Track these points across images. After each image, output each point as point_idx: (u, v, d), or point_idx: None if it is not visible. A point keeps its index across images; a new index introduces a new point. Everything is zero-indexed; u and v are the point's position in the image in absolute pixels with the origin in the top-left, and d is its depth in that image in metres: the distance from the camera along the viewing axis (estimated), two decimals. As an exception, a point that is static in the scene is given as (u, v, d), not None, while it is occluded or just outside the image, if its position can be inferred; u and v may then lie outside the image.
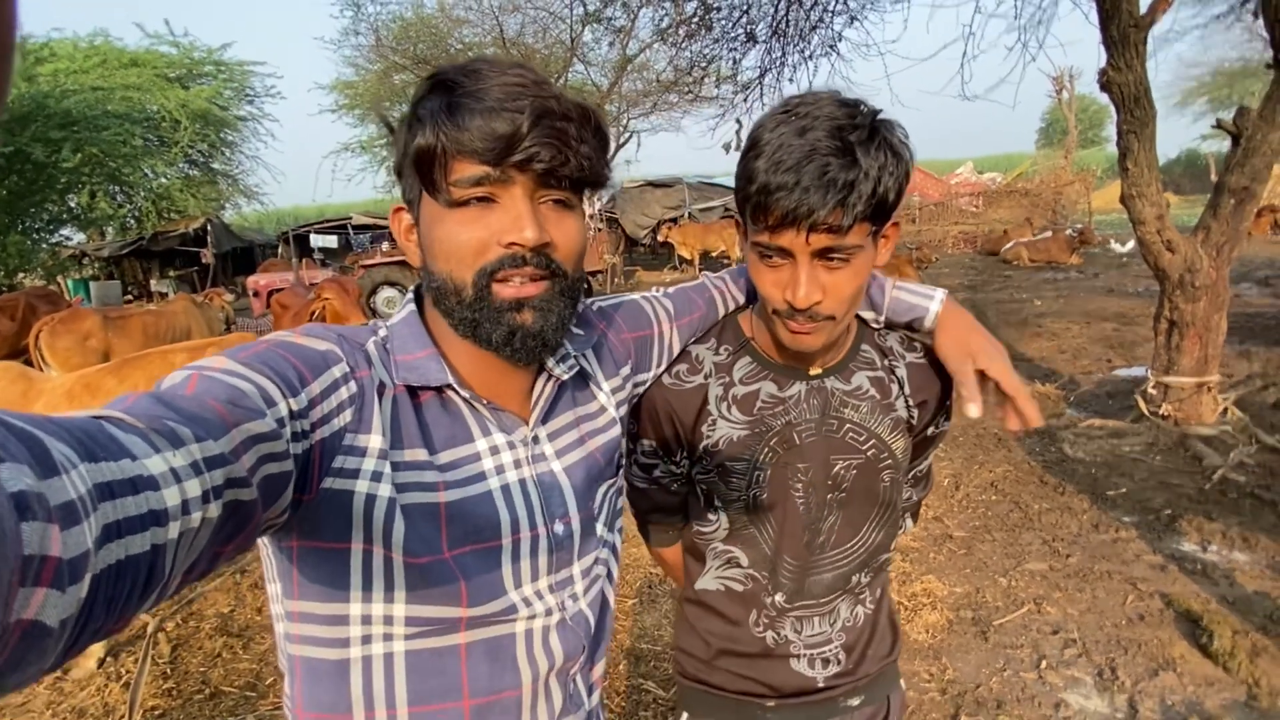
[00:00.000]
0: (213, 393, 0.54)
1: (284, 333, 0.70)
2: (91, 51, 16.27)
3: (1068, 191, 19.78)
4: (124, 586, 0.40)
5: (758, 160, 0.83)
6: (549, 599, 0.80)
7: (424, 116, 0.68)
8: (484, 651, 0.75)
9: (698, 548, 1.11)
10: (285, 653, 0.75)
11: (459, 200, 0.69)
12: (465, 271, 0.70)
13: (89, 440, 0.40)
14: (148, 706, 2.64)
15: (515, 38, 15.16)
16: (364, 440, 0.68)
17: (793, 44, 6.89)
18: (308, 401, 0.63)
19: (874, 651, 1.13)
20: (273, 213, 29.24)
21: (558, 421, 0.84)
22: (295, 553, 0.69)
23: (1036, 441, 4.85)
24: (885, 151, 0.81)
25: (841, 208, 0.80)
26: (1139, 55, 4.08)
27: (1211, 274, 4.37)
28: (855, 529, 1.05)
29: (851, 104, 0.83)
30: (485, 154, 0.67)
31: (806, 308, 0.86)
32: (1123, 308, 9.19)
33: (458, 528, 0.72)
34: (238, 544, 0.53)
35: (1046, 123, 46.05)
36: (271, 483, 0.55)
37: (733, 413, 1.02)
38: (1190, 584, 3.07)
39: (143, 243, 18.56)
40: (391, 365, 0.74)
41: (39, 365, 5.66)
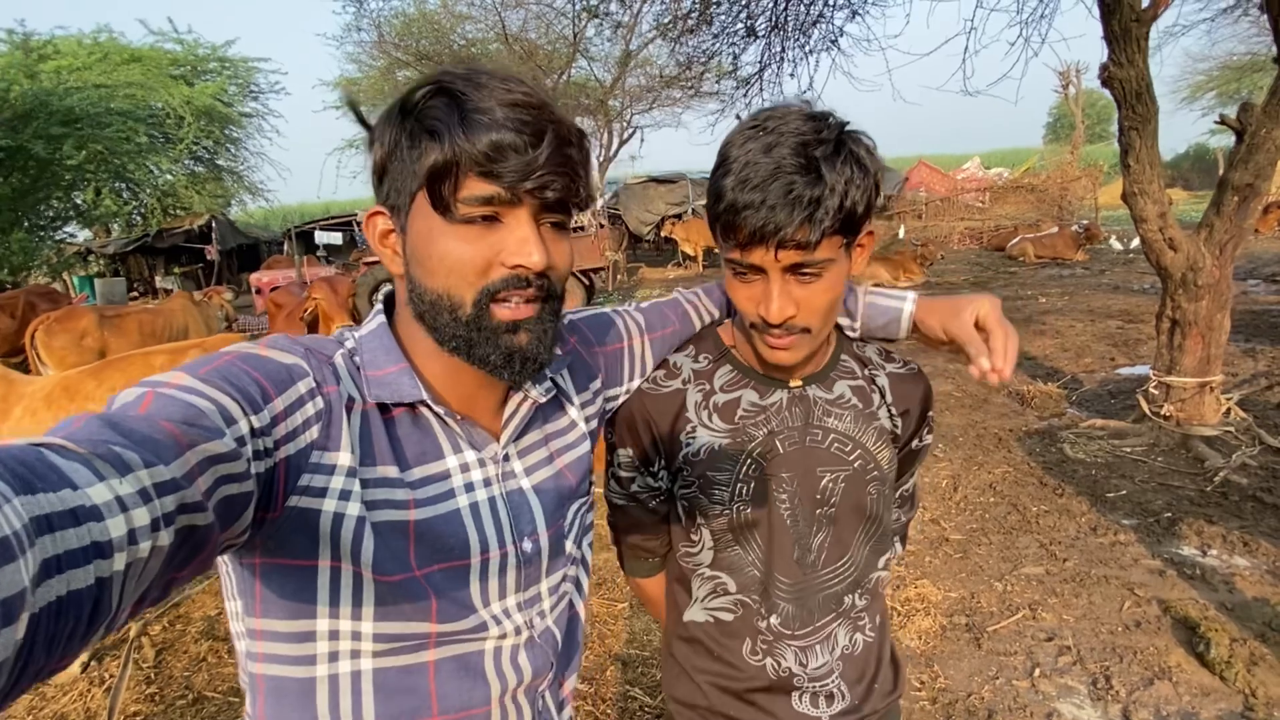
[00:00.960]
0: (166, 413, 0.52)
1: (248, 344, 0.69)
2: (95, 48, 16.28)
3: (1074, 187, 19.60)
4: (66, 624, 0.38)
5: (726, 178, 0.83)
6: (517, 617, 0.79)
7: (436, 128, 0.66)
8: (453, 668, 0.75)
9: (684, 575, 1.08)
10: (246, 671, 0.74)
11: (465, 218, 0.68)
12: (466, 290, 0.69)
13: (26, 471, 0.38)
14: (130, 712, 2.62)
15: (518, 33, 15.13)
16: (331, 458, 0.66)
17: (793, 39, 6.83)
18: (270, 418, 0.61)
19: (880, 686, 1.09)
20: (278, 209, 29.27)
21: (528, 439, 0.83)
22: (258, 570, 0.68)
23: (1037, 442, 4.80)
24: (851, 165, 0.81)
25: (808, 224, 0.80)
26: (1141, 50, 4.00)
27: (1215, 272, 4.30)
28: (844, 546, 1.03)
29: (819, 117, 0.83)
30: (503, 175, 0.66)
31: (780, 322, 0.87)
32: (1128, 305, 9.09)
33: (426, 546, 0.71)
34: (194, 568, 0.51)
35: (1054, 118, 45.69)
36: (230, 504, 0.53)
37: (713, 420, 1.00)
38: (1189, 590, 3.02)
39: (148, 239, 18.62)
40: (362, 380, 0.72)
41: (35, 363, 5.67)
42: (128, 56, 16.58)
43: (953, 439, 4.99)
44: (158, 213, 18.70)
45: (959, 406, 5.70)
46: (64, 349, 5.81)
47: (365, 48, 16.85)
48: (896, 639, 2.84)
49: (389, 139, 0.70)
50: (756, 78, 7.22)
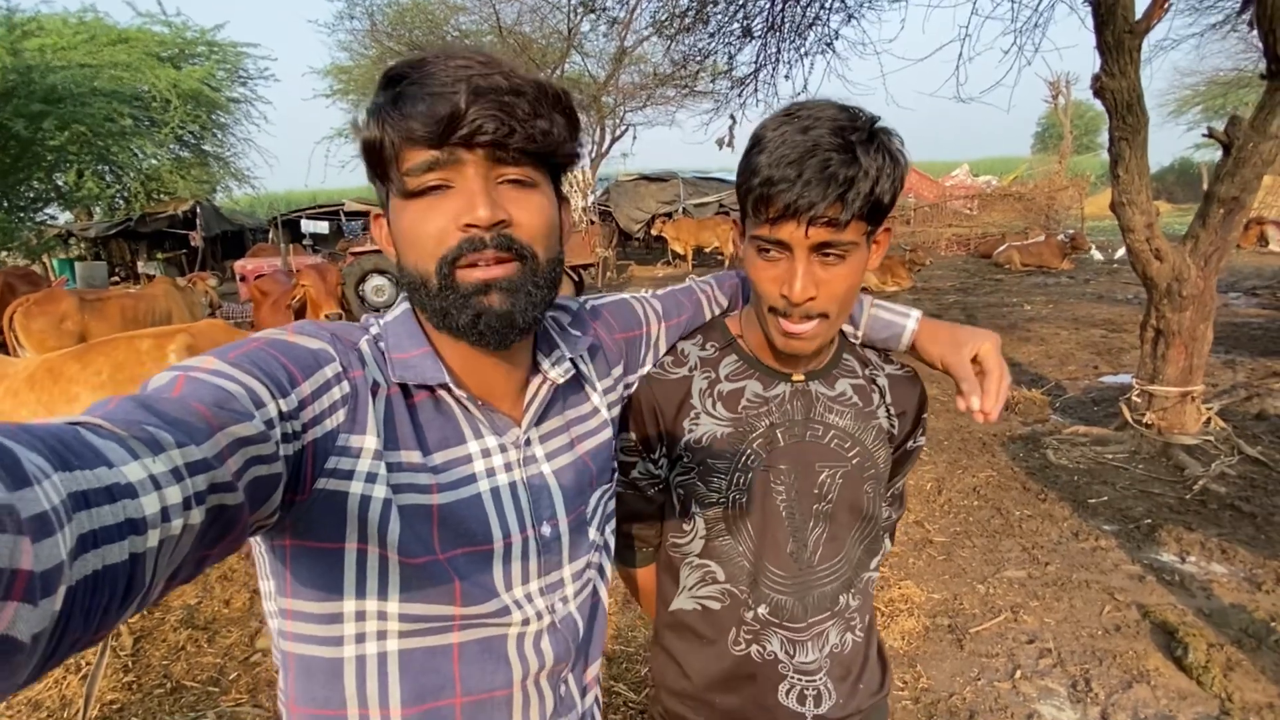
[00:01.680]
0: (198, 395, 0.54)
1: (276, 330, 0.69)
2: (81, 27, 15.99)
3: (1061, 196, 19.81)
4: (102, 597, 0.39)
5: (760, 155, 0.85)
6: (539, 602, 0.80)
7: (370, 111, 0.68)
8: (476, 651, 0.76)
9: (673, 563, 1.08)
10: (279, 649, 0.75)
11: (415, 190, 0.68)
12: (428, 261, 0.69)
13: (64, 449, 0.39)
14: (106, 700, 2.58)
15: (512, 26, 15.05)
16: (358, 441, 0.67)
17: (789, 40, 6.84)
18: (298, 402, 0.62)
19: (865, 685, 1.09)
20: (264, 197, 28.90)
21: (549, 424, 0.84)
22: (288, 552, 0.69)
23: (1020, 447, 4.84)
24: (884, 154, 0.83)
25: (841, 202, 0.82)
26: (1133, 62, 4.05)
27: (1199, 284, 4.35)
28: (840, 544, 1.03)
29: (852, 109, 0.86)
30: (429, 137, 0.65)
31: (801, 302, 0.87)
32: (1111, 314, 9.21)
33: (449, 531, 0.72)
34: (224, 547, 0.52)
35: (1043, 127, 46.18)
36: (259, 485, 0.55)
37: (717, 409, 1.01)
38: (1167, 595, 3.06)
39: (130, 224, 18.34)
40: (386, 364, 0.73)
41: (13, 346, 5.56)
42: (114, 37, 16.30)
43: (938, 442, 5.03)
44: (141, 197, 18.40)
45: (944, 410, 5.74)
46: (43, 331, 5.71)
47: (358, 36, 16.70)
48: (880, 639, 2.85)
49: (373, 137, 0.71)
50: (751, 78, 7.24)
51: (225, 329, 2.85)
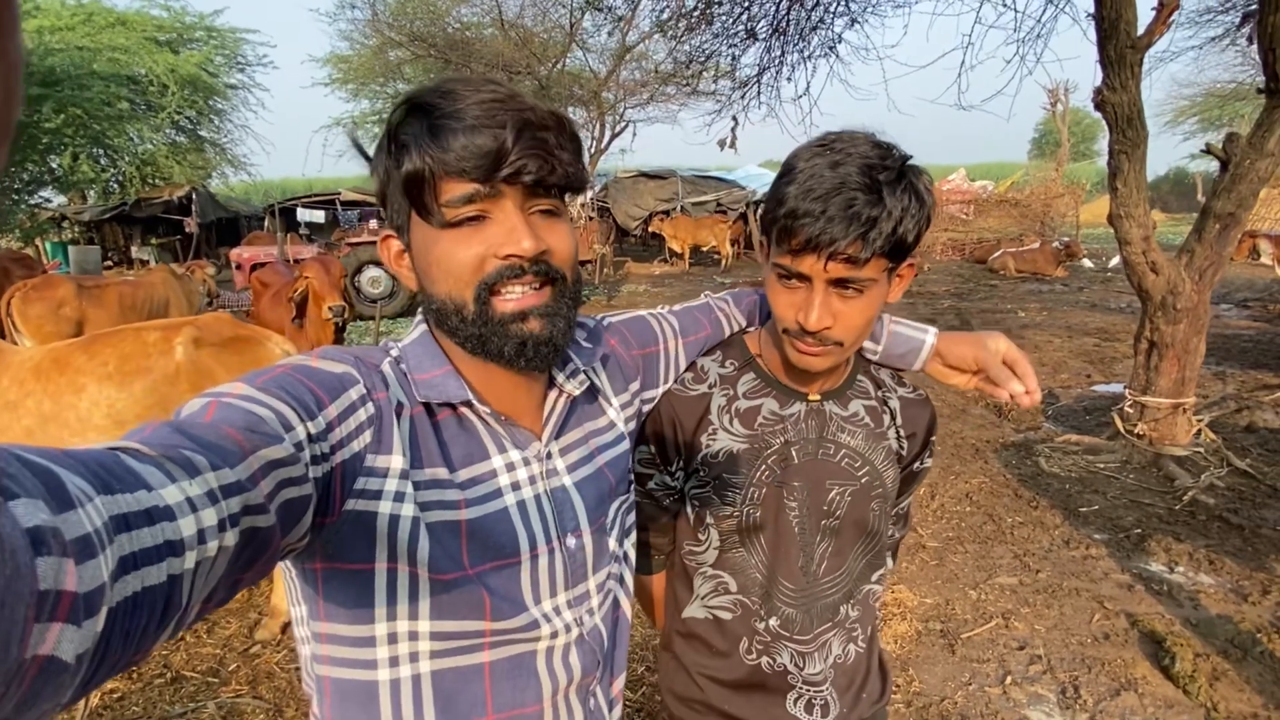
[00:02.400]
0: (230, 420, 0.55)
1: (301, 356, 0.71)
2: (78, 9, 15.87)
3: (1057, 204, 19.94)
4: (141, 618, 0.40)
5: (790, 186, 0.87)
6: (566, 615, 0.81)
7: (407, 142, 0.69)
8: (506, 668, 0.77)
9: (686, 572, 1.11)
10: (313, 673, 0.76)
11: (452, 221, 0.70)
12: (465, 290, 0.71)
13: (105, 472, 0.40)
14: (106, 689, 2.60)
15: (514, 19, 15.00)
16: (384, 461, 0.68)
17: (792, 43, 6.86)
18: (325, 425, 0.63)
19: (868, 695, 1.13)
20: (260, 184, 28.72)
21: (569, 436, 0.85)
22: (319, 575, 0.70)
23: (1013, 454, 4.90)
24: (910, 195, 0.85)
25: (861, 241, 0.84)
26: (1134, 76, 4.09)
27: (1194, 297, 4.41)
28: (842, 558, 1.06)
29: (885, 146, 0.87)
30: (473, 172, 0.67)
31: (817, 331, 0.90)
32: (1104, 323, 9.29)
33: (478, 545, 0.73)
34: (258, 570, 0.53)
35: (1040, 134, 46.33)
36: (290, 507, 0.56)
37: (734, 425, 1.04)
38: (1156, 604, 3.11)
39: (125, 208, 18.19)
40: (409, 385, 0.74)
41: (10, 332, 5.53)
42: (113, 20, 16.18)
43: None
44: (136, 181, 18.28)
45: (938, 417, 5.79)
46: (40, 318, 5.68)
47: (358, 25, 16.63)
48: (874, 642, 2.90)
49: (382, 167, 0.73)
50: (755, 80, 7.25)
51: (230, 321, 2.85)
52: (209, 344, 2.68)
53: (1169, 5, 4.01)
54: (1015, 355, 1.04)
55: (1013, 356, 1.04)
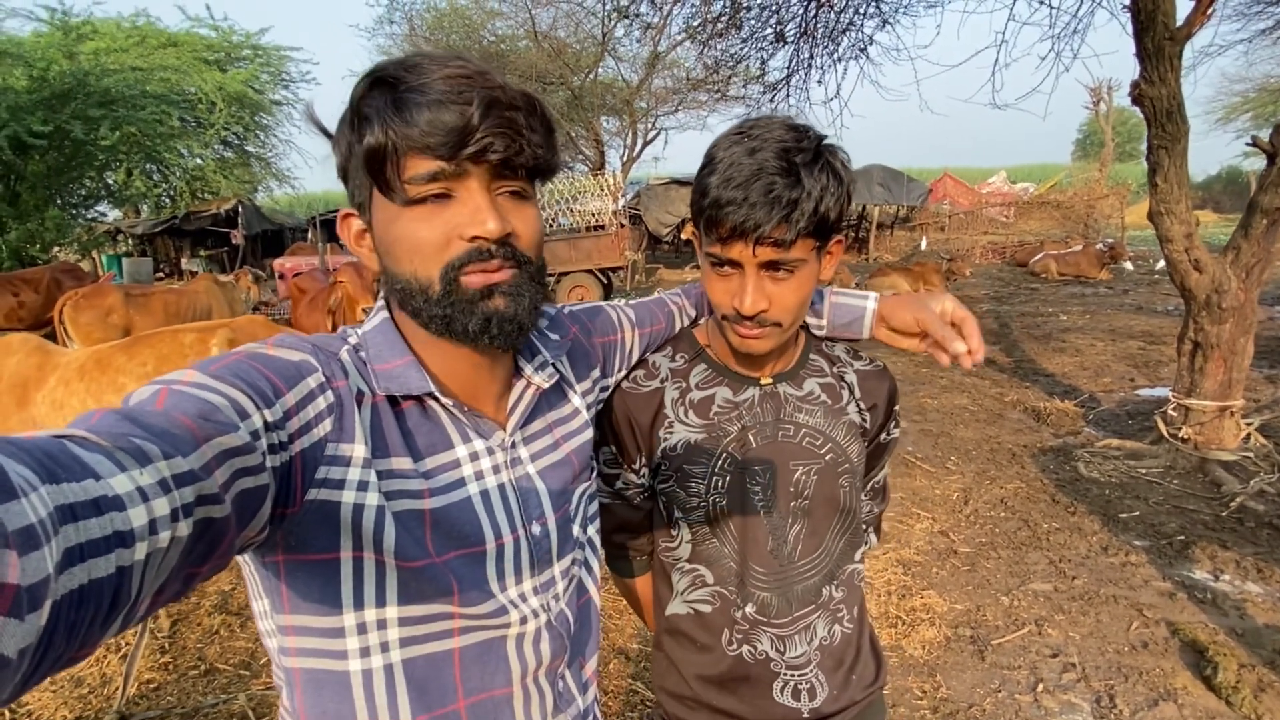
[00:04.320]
0: (181, 407, 0.53)
1: (256, 344, 0.69)
2: (133, 31, 16.56)
3: (1101, 205, 19.40)
4: (87, 612, 0.38)
5: (711, 176, 0.89)
6: (533, 601, 0.81)
7: (370, 115, 0.66)
8: (476, 654, 0.76)
9: (665, 570, 1.12)
10: (281, 667, 0.75)
11: (415, 198, 0.68)
12: (431, 268, 0.69)
13: (50, 461, 0.39)
14: (144, 679, 2.69)
15: (547, 31, 15.21)
16: (346, 450, 0.67)
17: (822, 46, 6.82)
18: (283, 413, 0.62)
19: (859, 677, 1.11)
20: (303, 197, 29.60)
21: (533, 426, 0.85)
22: (282, 567, 0.68)
23: (1051, 459, 4.77)
24: (827, 174, 0.87)
25: (785, 223, 0.86)
26: (1173, 69, 3.97)
27: (1240, 296, 4.25)
28: (819, 538, 1.06)
29: (800, 129, 0.89)
30: (438, 148, 0.65)
31: (753, 315, 0.92)
32: (1150, 326, 8.99)
33: (442, 534, 0.72)
34: (213, 563, 0.52)
35: (1084, 134, 45.20)
36: (247, 497, 0.54)
37: (689, 416, 1.05)
38: (1198, 613, 2.99)
39: (175, 221, 18.89)
40: (370, 374, 0.73)
41: (62, 338, 5.79)
42: (164, 40, 16.85)
43: (965, 452, 4.97)
44: (186, 195, 18.99)
45: (974, 420, 5.67)
46: (90, 324, 5.94)
47: (396, 40, 17.01)
48: (900, 647, 2.84)
49: (345, 141, 0.70)
50: (784, 83, 7.23)
51: (265, 324, 2.95)
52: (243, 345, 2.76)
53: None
54: (962, 314, 1.03)
55: (959, 315, 1.03)
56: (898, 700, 2.56)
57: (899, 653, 2.82)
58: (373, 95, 0.67)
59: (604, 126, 18.38)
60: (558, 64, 15.48)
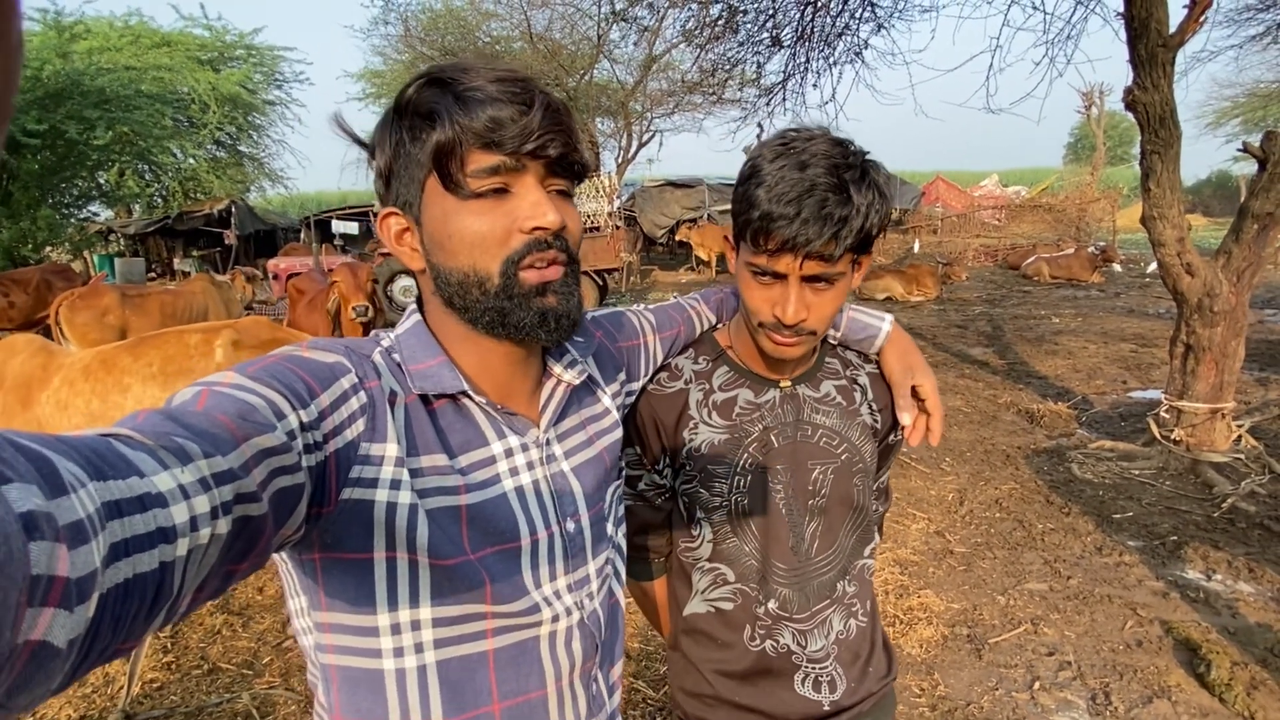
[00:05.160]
0: (222, 408, 0.54)
1: (291, 346, 0.71)
2: (126, 31, 16.49)
3: (1092, 209, 19.55)
4: (131, 605, 0.40)
5: (759, 190, 0.91)
6: (567, 599, 0.81)
7: (436, 110, 0.69)
8: (510, 656, 0.77)
9: (685, 569, 1.14)
10: (318, 664, 0.76)
11: (477, 191, 0.70)
12: (491, 262, 0.71)
13: (98, 459, 0.40)
14: (146, 679, 2.69)
15: (542, 33, 15.22)
16: (379, 449, 0.68)
17: (818, 50, 6.87)
18: (318, 413, 0.63)
19: (874, 670, 1.14)
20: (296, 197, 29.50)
21: (567, 423, 0.86)
22: (319, 565, 0.70)
23: (1045, 460, 4.81)
24: (873, 190, 0.90)
25: (835, 240, 0.89)
26: (1166, 75, 4.03)
27: (1231, 299, 4.31)
28: (834, 535, 1.09)
29: (844, 144, 0.92)
30: (502, 143, 0.68)
31: (794, 324, 0.95)
32: (1142, 329, 9.07)
33: (478, 530, 0.73)
34: (252, 561, 0.53)
35: (1075, 138, 45.49)
36: (283, 496, 0.56)
37: (713, 417, 1.07)
38: (1191, 612, 3.04)
39: (168, 221, 18.84)
40: (404, 375, 0.74)
41: (57, 338, 5.76)
42: (158, 40, 16.79)
43: (960, 454, 5.02)
44: (179, 195, 18.93)
45: (968, 422, 5.72)
46: (86, 325, 5.91)
47: (391, 41, 17.01)
48: (899, 645, 2.88)
49: (390, 141, 0.72)
50: (780, 87, 7.27)
51: (268, 325, 2.96)
52: (247, 346, 2.78)
53: (1202, 3, 3.94)
54: (933, 404, 1.08)
55: (930, 403, 1.08)
56: (896, 699, 2.59)
57: (897, 651, 2.85)
58: (430, 92, 0.70)
59: (599, 128, 18.41)
60: (553, 65, 15.49)
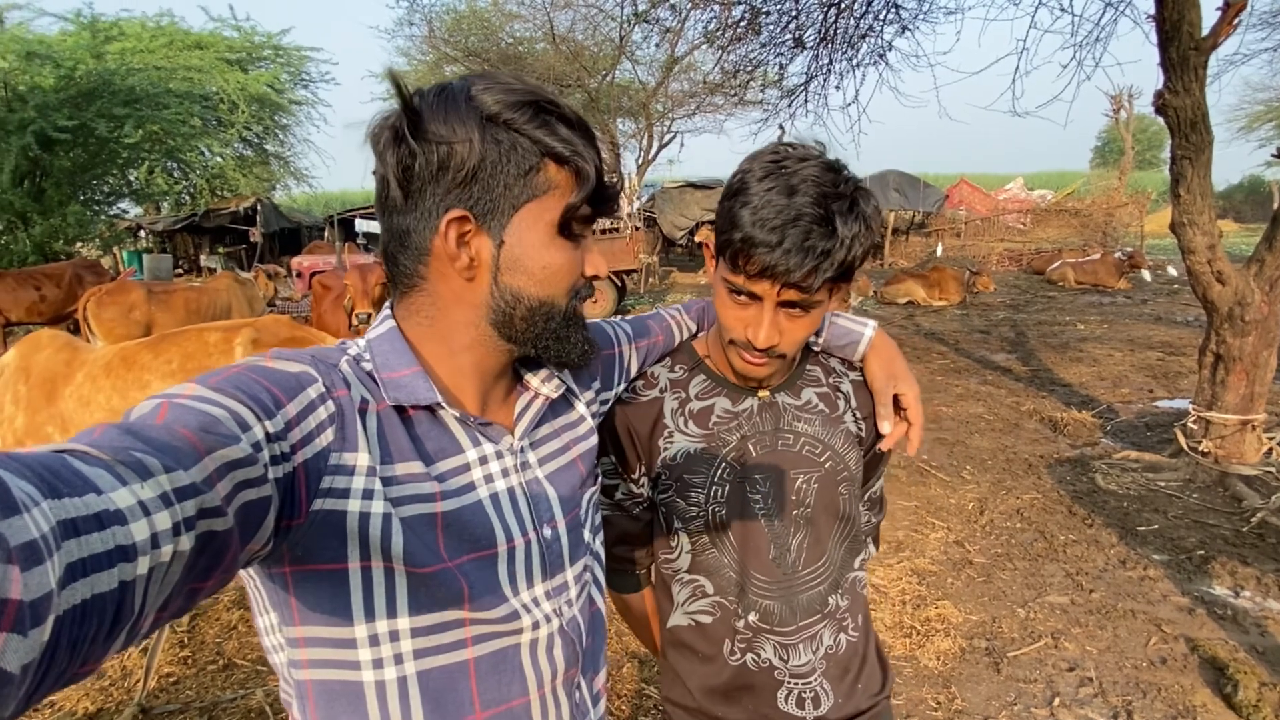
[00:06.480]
0: (183, 421, 0.52)
1: (256, 357, 0.69)
2: (158, 32, 16.77)
3: (1120, 214, 19.21)
4: (90, 627, 0.38)
5: (744, 210, 0.89)
6: (546, 606, 0.81)
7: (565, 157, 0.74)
8: (491, 665, 0.76)
9: (665, 582, 1.12)
10: (292, 680, 0.74)
11: (575, 233, 0.78)
12: (562, 296, 0.79)
13: (51, 476, 0.39)
14: (163, 673, 2.72)
15: (565, 34, 15.26)
16: (350, 459, 0.67)
17: (841, 51, 6.82)
18: (284, 423, 0.61)
19: (865, 686, 1.11)
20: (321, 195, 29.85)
21: (542, 431, 0.87)
22: (290, 579, 0.68)
23: (1068, 470, 4.73)
24: (860, 222, 0.88)
25: (815, 272, 0.88)
26: (1198, 79, 3.94)
27: (1263, 308, 4.20)
28: (822, 546, 1.07)
29: (836, 169, 0.90)
30: (601, 204, 0.78)
31: (765, 348, 0.94)
32: (1170, 337, 8.89)
33: (454, 536, 0.73)
34: (217, 579, 0.52)
35: (1103, 142, 44.77)
36: (250, 510, 0.54)
37: (689, 426, 1.06)
38: (1218, 630, 2.96)
39: (195, 219, 19.12)
40: (375, 383, 0.73)
41: (85, 333, 5.88)
42: (189, 41, 17.05)
43: (981, 462, 4.94)
44: (206, 193, 19.20)
45: (989, 430, 5.63)
46: (113, 320, 6.02)
47: (415, 42, 17.11)
48: (914, 658, 2.83)
49: (478, 146, 0.71)
50: (802, 89, 7.22)
51: (289, 324, 2.98)
52: (267, 344, 2.81)
53: (1235, 5, 3.85)
54: (914, 413, 1.07)
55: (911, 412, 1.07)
56: (912, 711, 2.55)
57: (913, 663, 2.81)
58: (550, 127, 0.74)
59: (619, 129, 18.40)
60: (575, 66, 15.52)
